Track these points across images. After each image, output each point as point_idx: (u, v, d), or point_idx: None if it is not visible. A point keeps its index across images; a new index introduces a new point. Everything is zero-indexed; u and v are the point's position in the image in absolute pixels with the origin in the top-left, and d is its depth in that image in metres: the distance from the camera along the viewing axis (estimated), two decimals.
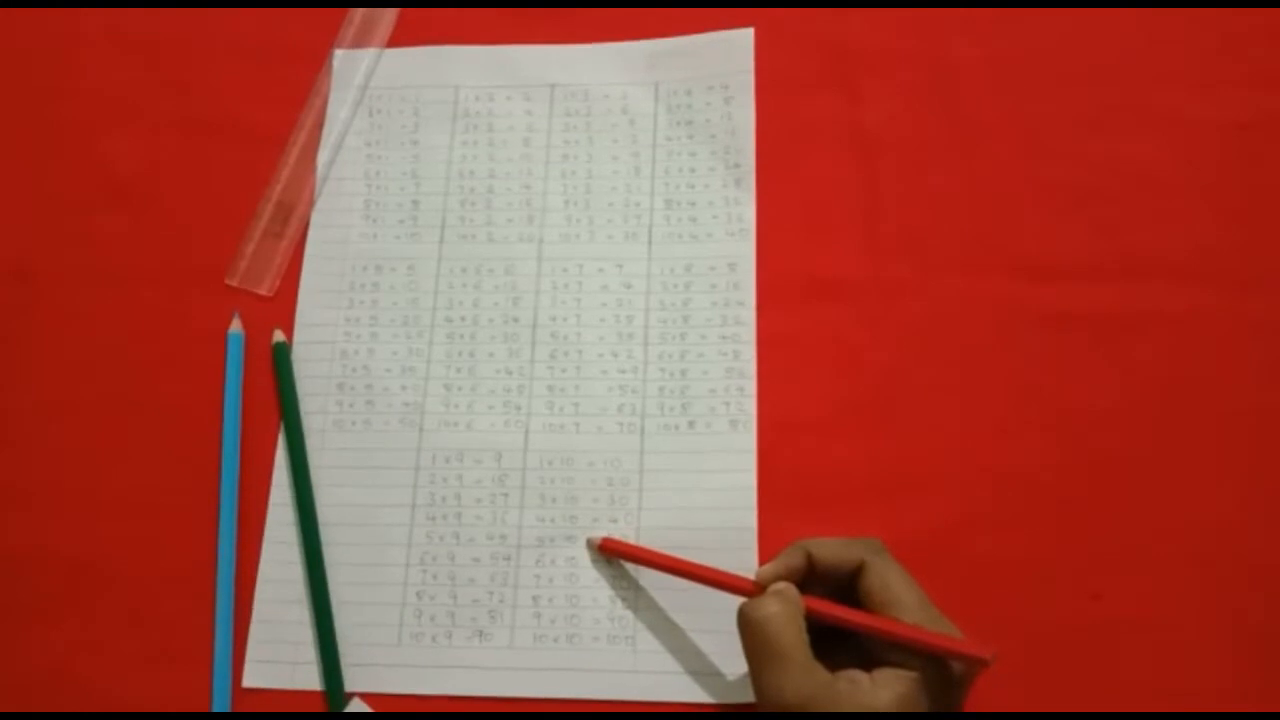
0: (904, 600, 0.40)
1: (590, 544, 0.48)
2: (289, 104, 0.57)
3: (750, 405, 0.49)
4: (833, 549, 0.42)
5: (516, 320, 0.52)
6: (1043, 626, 0.45)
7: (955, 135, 0.54)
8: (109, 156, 0.57)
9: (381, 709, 0.46)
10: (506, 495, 0.49)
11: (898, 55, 0.55)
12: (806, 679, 0.38)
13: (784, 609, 0.40)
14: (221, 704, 0.46)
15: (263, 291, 0.53)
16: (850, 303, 0.51)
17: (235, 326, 0.52)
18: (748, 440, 0.49)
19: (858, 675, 0.38)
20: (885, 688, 0.38)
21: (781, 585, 0.41)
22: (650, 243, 0.53)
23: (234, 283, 0.53)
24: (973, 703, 0.44)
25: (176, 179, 0.56)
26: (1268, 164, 0.52)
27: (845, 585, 0.42)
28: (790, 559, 0.42)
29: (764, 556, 0.46)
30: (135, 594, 0.48)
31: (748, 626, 0.40)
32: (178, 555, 0.48)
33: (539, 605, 0.47)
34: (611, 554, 0.47)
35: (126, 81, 0.58)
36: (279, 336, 0.52)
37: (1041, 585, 0.46)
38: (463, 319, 0.52)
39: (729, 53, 0.56)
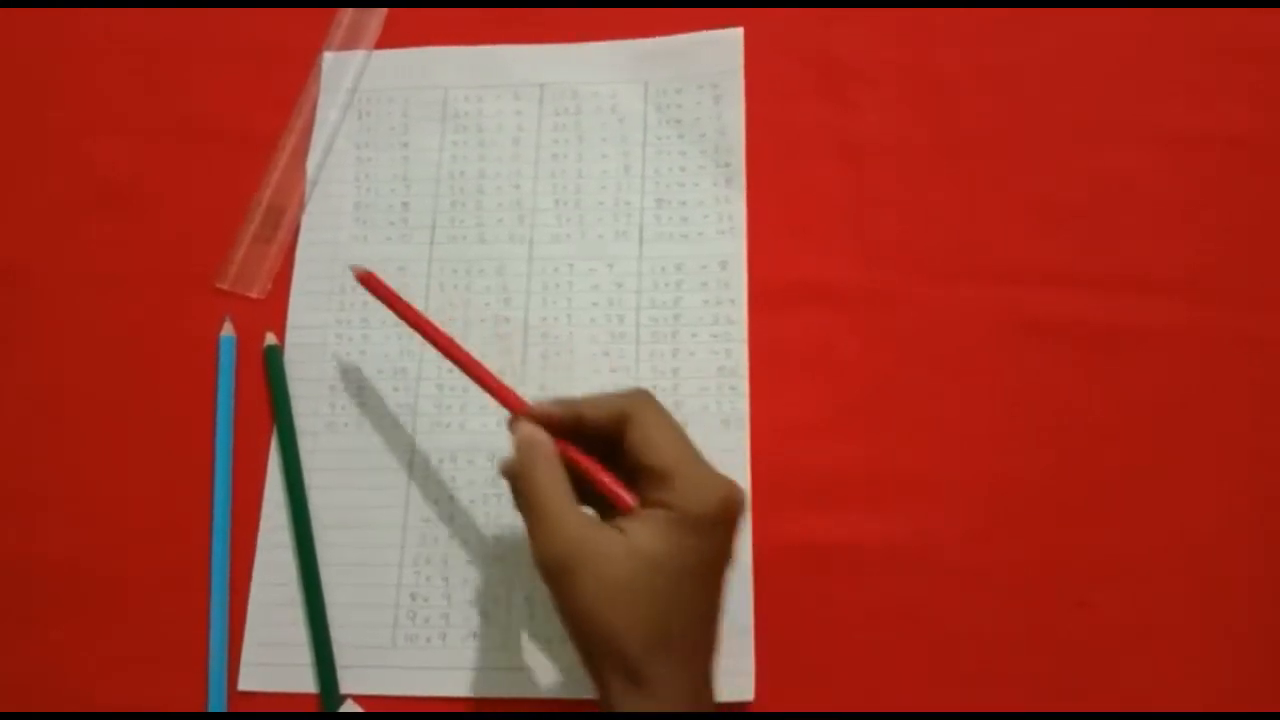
0: (662, 447, 0.39)
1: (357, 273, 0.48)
2: (279, 107, 0.57)
3: (742, 404, 0.49)
4: (599, 403, 0.40)
5: (508, 320, 0.52)
6: (1029, 633, 0.45)
7: (946, 142, 0.53)
8: (101, 160, 0.57)
9: (376, 710, 0.46)
10: (500, 496, 0.49)
11: (888, 60, 0.55)
12: (563, 532, 0.38)
13: (538, 459, 0.39)
14: (217, 707, 0.46)
15: (254, 295, 0.53)
16: (841, 306, 0.51)
17: (227, 330, 0.52)
18: (740, 439, 0.49)
19: (626, 522, 0.38)
20: (643, 528, 0.37)
21: (529, 432, 0.40)
22: (641, 242, 0.53)
23: (225, 286, 0.53)
24: (962, 704, 0.44)
25: (168, 182, 0.56)
26: (1262, 180, 0.52)
27: (615, 441, 0.40)
28: (562, 406, 0.41)
29: (758, 557, 0.46)
30: (129, 597, 0.48)
31: (511, 482, 0.40)
32: (172, 558, 0.49)
33: (533, 606, 0.47)
34: (372, 290, 0.47)
35: (118, 85, 0.58)
36: (270, 339, 0.52)
37: (1028, 592, 0.46)
38: (454, 320, 0.52)
39: (718, 52, 0.56)
